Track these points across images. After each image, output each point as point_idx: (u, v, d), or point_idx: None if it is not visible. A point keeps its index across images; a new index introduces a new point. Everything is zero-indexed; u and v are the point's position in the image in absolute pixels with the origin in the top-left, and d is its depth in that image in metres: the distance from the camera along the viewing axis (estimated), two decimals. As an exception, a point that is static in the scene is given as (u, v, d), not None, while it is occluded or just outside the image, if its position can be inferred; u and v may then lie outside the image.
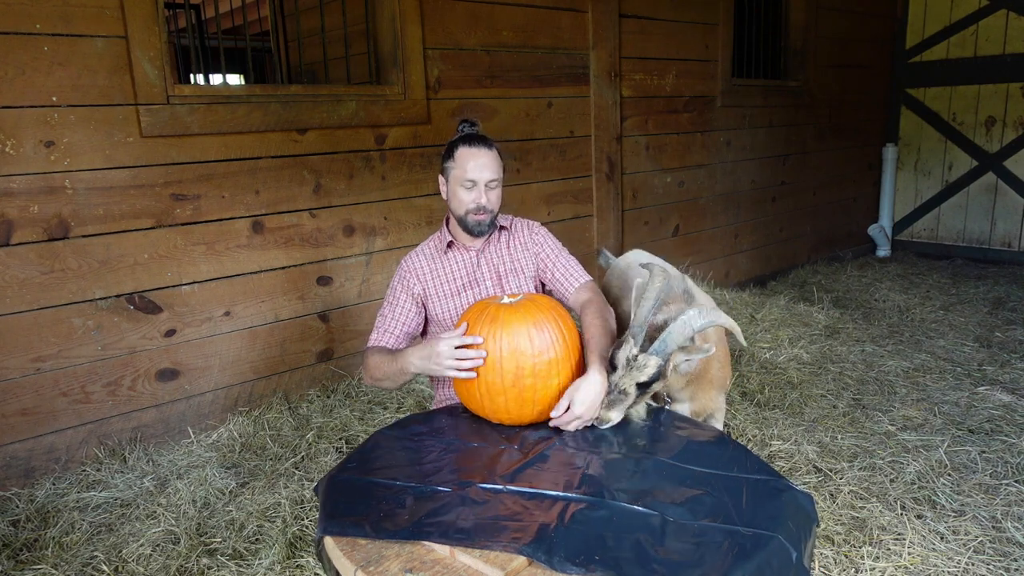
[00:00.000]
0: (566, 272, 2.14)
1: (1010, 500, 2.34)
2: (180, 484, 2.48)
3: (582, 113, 4.07)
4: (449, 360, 1.70)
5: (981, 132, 5.94)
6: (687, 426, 1.76)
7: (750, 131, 5.16)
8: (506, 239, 2.20)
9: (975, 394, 3.20)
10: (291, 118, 2.99)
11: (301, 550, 2.15)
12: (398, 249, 3.43)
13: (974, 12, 5.83)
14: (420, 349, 1.81)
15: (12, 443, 2.54)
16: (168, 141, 2.72)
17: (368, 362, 2.03)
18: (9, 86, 2.39)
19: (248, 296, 3.01)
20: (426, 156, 3.45)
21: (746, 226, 5.33)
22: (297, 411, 3.08)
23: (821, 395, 3.25)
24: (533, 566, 1.22)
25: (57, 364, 2.59)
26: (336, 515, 1.39)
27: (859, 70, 6.04)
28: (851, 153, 6.18)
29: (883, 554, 2.09)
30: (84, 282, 2.61)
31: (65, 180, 2.53)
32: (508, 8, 3.65)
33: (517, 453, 1.61)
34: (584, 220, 4.20)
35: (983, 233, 6.10)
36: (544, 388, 1.69)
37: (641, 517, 1.32)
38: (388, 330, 2.12)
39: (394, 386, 2.04)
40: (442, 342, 1.71)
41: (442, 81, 3.45)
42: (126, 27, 2.56)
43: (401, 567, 1.24)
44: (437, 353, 1.72)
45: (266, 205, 3.01)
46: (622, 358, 1.66)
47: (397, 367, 1.90)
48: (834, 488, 2.44)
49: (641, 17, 4.27)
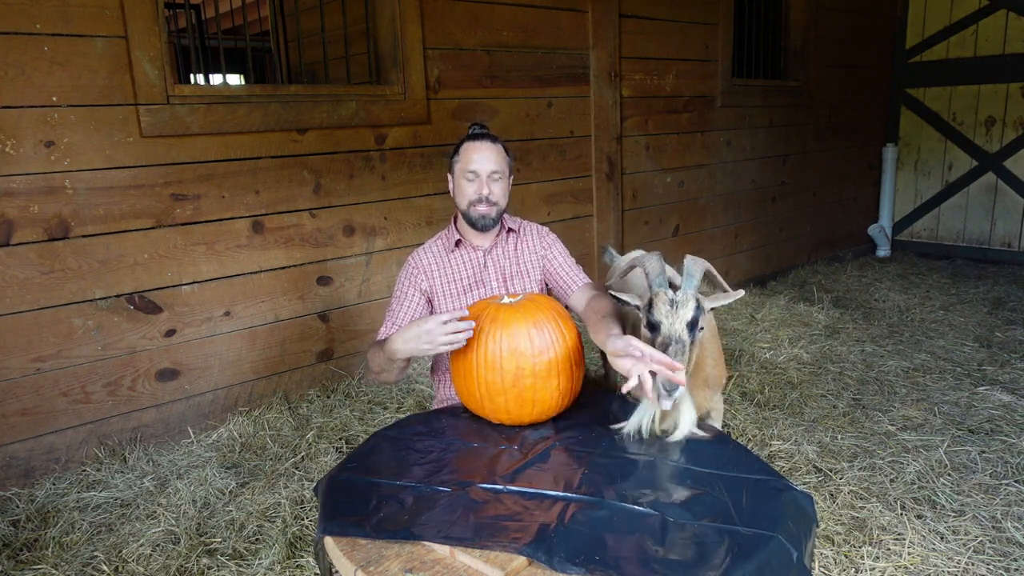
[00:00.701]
0: (570, 273, 2.17)
1: (1010, 500, 2.34)
2: (180, 484, 2.48)
3: (582, 113, 4.07)
4: (442, 336, 1.67)
5: (981, 132, 5.94)
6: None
7: (750, 131, 5.16)
8: (514, 241, 2.20)
9: (975, 394, 3.20)
10: (291, 118, 2.99)
11: (301, 550, 2.15)
12: (398, 249, 3.43)
13: (974, 12, 5.83)
14: (404, 331, 1.78)
15: (12, 443, 2.54)
16: (168, 141, 2.72)
17: (368, 359, 2.05)
18: (9, 86, 2.39)
19: (248, 296, 3.01)
20: (426, 156, 3.45)
21: (746, 226, 5.33)
22: (297, 411, 3.08)
23: (821, 395, 3.25)
24: (533, 566, 1.22)
25: (57, 364, 2.59)
26: (336, 515, 1.39)
27: (859, 70, 6.04)
28: (851, 153, 6.18)
29: (883, 554, 2.09)
30: (84, 282, 2.61)
31: (65, 180, 2.53)
32: (508, 8, 3.65)
33: (517, 453, 1.61)
34: (584, 220, 4.20)
35: (983, 233, 6.10)
36: (544, 388, 1.69)
37: (641, 517, 1.32)
38: (397, 323, 2.11)
39: (392, 378, 2.01)
40: (430, 320, 1.70)
41: (442, 81, 3.45)
42: (126, 27, 2.56)
43: (401, 567, 1.24)
44: (428, 331, 1.70)
45: (266, 205, 3.01)
46: (662, 306, 1.60)
47: (385, 355, 1.89)
48: (834, 488, 2.44)
49: (641, 17, 4.27)
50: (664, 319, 1.59)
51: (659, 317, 1.60)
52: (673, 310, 1.59)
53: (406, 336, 1.77)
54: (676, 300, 1.60)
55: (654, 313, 1.61)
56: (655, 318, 1.61)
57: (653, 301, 1.62)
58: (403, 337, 1.78)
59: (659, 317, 1.60)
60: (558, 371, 1.70)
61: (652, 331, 1.61)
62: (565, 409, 1.80)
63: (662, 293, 1.61)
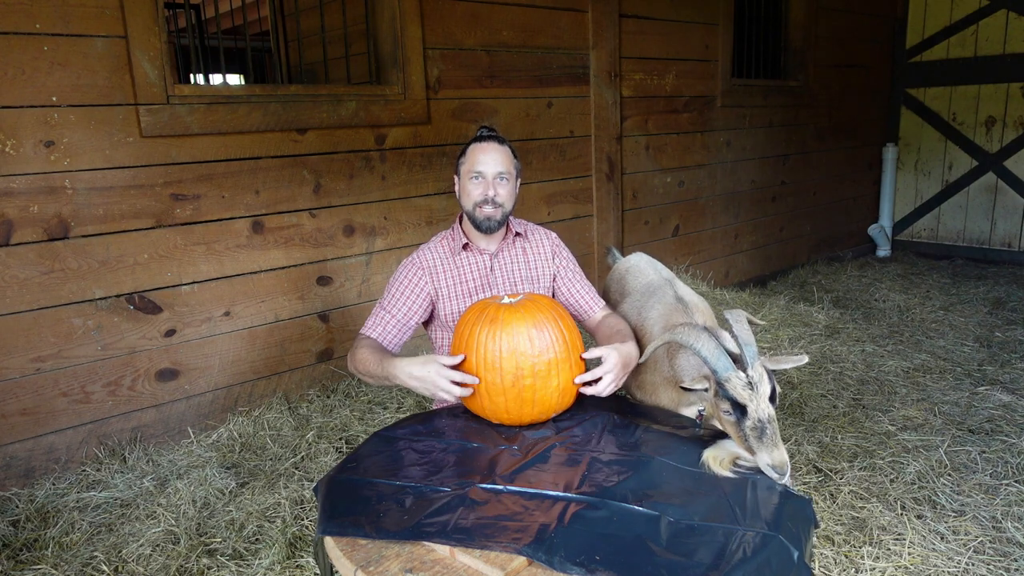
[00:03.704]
0: (587, 297, 2.23)
1: (1010, 500, 2.34)
2: (180, 484, 2.48)
3: (582, 113, 4.07)
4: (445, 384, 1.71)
5: (981, 132, 5.94)
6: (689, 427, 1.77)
7: (750, 131, 5.16)
8: (522, 245, 2.19)
9: (975, 394, 3.20)
10: (291, 118, 2.99)
11: (301, 550, 2.15)
12: (398, 249, 3.43)
13: (974, 12, 5.83)
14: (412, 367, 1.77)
15: (12, 443, 2.54)
16: (168, 141, 2.72)
17: (357, 353, 1.99)
18: (9, 86, 2.39)
19: (248, 296, 3.01)
20: (426, 156, 3.45)
21: (746, 226, 5.33)
22: (297, 411, 3.08)
23: (821, 395, 3.25)
24: (533, 566, 1.22)
25: (57, 364, 2.59)
26: (336, 515, 1.39)
27: (859, 70, 6.04)
28: (851, 153, 6.18)
29: (883, 554, 2.08)
30: (84, 282, 2.61)
31: (65, 180, 2.53)
32: (508, 8, 3.65)
33: (517, 453, 1.61)
34: (584, 220, 4.20)
35: (983, 233, 6.10)
36: (544, 388, 1.69)
37: (641, 517, 1.32)
38: (382, 323, 2.10)
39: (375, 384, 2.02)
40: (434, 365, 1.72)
41: (442, 81, 3.45)
42: (126, 27, 2.56)
43: (401, 567, 1.24)
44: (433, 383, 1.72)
45: (266, 205, 3.01)
46: (742, 391, 1.52)
47: (383, 374, 1.87)
48: (834, 488, 2.44)
49: (641, 17, 4.27)
50: (749, 403, 1.51)
51: (743, 401, 1.52)
52: (754, 392, 1.52)
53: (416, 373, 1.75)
54: (753, 381, 1.53)
55: (735, 396, 1.53)
56: (738, 402, 1.52)
57: (726, 386, 1.55)
58: (408, 371, 1.77)
59: (743, 401, 1.52)
60: (558, 371, 1.70)
61: (739, 414, 1.53)
62: (565, 409, 1.80)
63: (734, 378, 1.54)
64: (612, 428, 1.71)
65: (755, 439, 1.49)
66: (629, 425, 1.73)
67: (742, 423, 1.51)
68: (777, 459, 1.46)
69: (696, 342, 1.61)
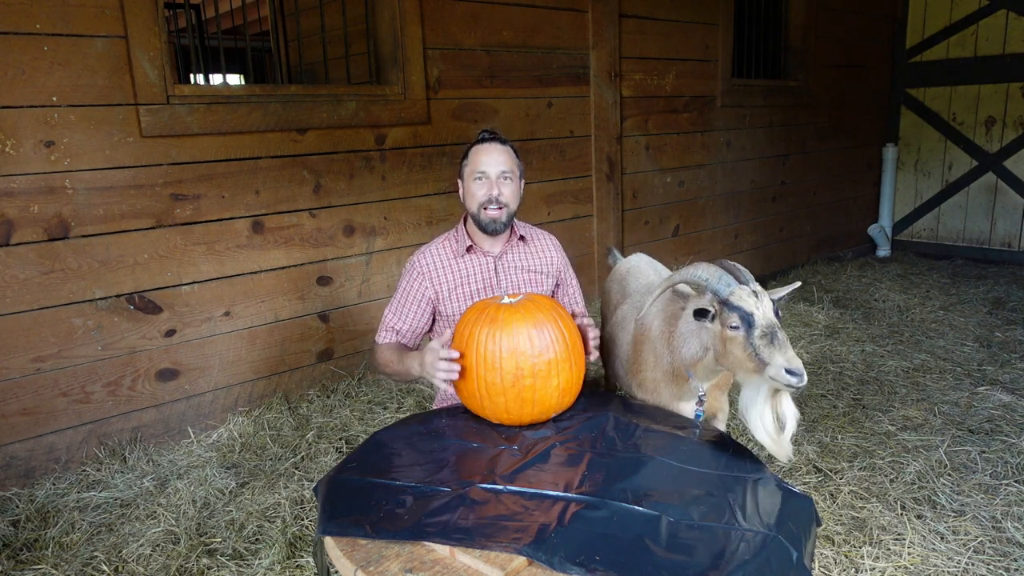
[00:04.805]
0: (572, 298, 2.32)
1: (1010, 500, 2.34)
2: (180, 484, 2.48)
3: (582, 113, 4.07)
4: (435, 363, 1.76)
5: (981, 132, 5.94)
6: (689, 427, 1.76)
7: (750, 131, 5.16)
8: (526, 249, 2.20)
9: (975, 394, 3.20)
10: (291, 118, 2.99)
11: (301, 550, 2.15)
12: (398, 249, 3.43)
13: (974, 12, 5.83)
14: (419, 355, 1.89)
15: (12, 443, 2.54)
16: (168, 141, 2.72)
17: (379, 359, 2.09)
18: (9, 86, 2.39)
19: (248, 296, 3.01)
20: (426, 156, 3.45)
21: (746, 226, 5.33)
22: (297, 411, 3.08)
23: (821, 395, 3.25)
24: (533, 566, 1.22)
25: (57, 364, 2.59)
26: (336, 515, 1.39)
27: (859, 70, 6.04)
28: (851, 153, 6.18)
29: (883, 554, 2.09)
30: (84, 282, 2.61)
31: (65, 180, 2.53)
32: (508, 8, 3.65)
33: (517, 453, 1.61)
34: (584, 220, 4.20)
35: (983, 233, 6.10)
36: (544, 388, 1.69)
37: (641, 517, 1.32)
38: (393, 327, 2.13)
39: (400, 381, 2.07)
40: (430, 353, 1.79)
41: (442, 81, 3.45)
42: (126, 27, 2.56)
43: (401, 567, 1.24)
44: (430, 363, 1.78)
45: (266, 205, 3.01)
46: (748, 299, 1.56)
47: (404, 368, 1.97)
48: (834, 488, 2.44)
49: (641, 17, 4.27)
50: (755, 310, 1.55)
51: (750, 309, 1.56)
52: (759, 300, 1.56)
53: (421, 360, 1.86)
54: (757, 291, 1.58)
55: (742, 307, 1.57)
56: (746, 310, 1.56)
57: (731, 300, 1.59)
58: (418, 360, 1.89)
59: (750, 309, 1.56)
60: (558, 371, 1.70)
61: (746, 325, 1.56)
62: (565, 409, 1.80)
63: (738, 290, 1.59)
64: (612, 428, 1.71)
65: (766, 346, 1.51)
66: (629, 425, 1.72)
67: (751, 335, 1.54)
68: (793, 360, 1.47)
69: (696, 271, 1.67)
